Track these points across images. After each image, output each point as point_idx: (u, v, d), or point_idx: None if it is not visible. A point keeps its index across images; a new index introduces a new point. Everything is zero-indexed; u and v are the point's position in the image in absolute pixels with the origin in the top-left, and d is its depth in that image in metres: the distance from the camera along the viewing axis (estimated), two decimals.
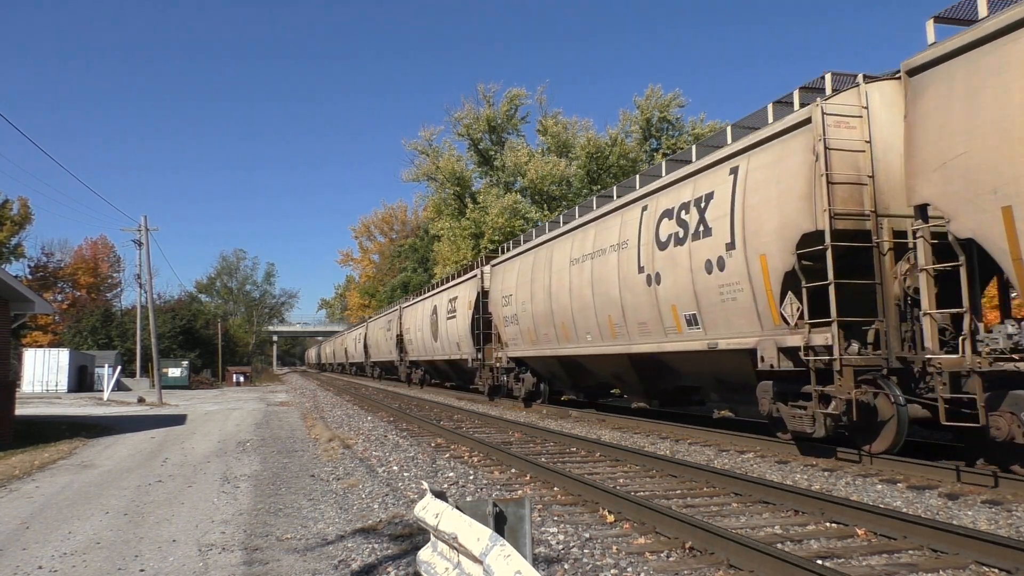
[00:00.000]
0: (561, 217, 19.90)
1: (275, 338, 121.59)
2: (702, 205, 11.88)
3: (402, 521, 7.14)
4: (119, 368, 43.43)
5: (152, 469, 11.30)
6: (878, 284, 9.53)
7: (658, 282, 13.14)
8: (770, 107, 11.24)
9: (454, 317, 27.54)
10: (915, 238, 8.76)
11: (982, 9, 8.11)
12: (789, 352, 10.24)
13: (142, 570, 5.85)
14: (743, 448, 11.66)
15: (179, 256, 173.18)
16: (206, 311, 76.29)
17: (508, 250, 22.78)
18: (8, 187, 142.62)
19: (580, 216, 17.41)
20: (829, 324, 9.39)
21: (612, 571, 5.40)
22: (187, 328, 58.17)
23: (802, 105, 10.31)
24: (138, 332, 47.12)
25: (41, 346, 50.44)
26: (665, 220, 12.99)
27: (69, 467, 11.85)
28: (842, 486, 8.53)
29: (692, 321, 12.35)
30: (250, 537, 6.81)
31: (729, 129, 12.23)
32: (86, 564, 6.07)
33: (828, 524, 6.72)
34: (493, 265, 23.69)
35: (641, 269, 13.64)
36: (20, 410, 19.03)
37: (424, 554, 4.56)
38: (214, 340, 64.10)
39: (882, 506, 7.26)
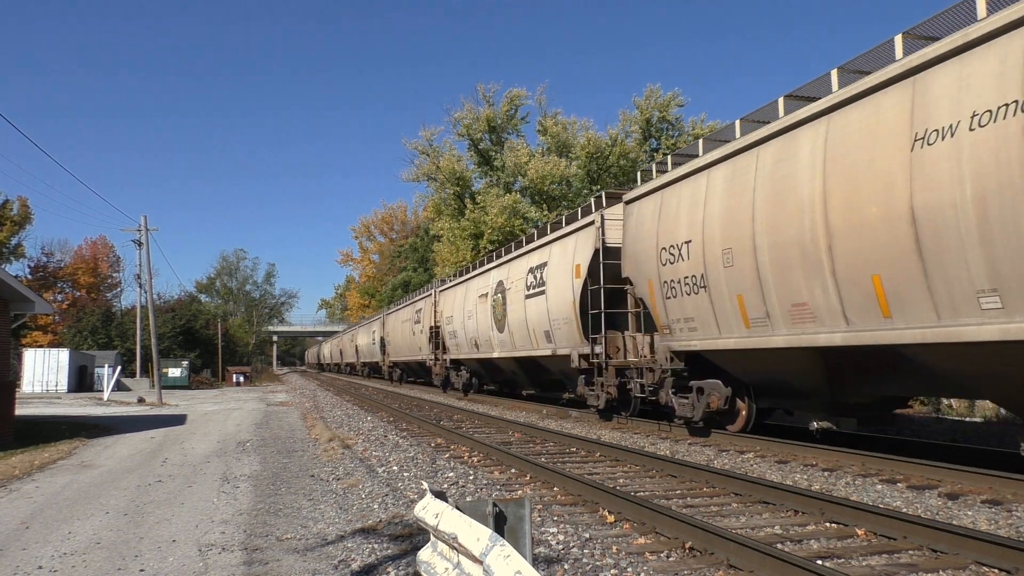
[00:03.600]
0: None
1: (275, 338, 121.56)
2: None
3: (402, 521, 7.14)
4: (119, 368, 43.43)
5: (152, 469, 11.31)
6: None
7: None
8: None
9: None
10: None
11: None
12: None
13: (142, 570, 5.86)
14: (743, 448, 11.66)
15: (179, 256, 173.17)
16: (206, 311, 76.23)
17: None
18: (8, 187, 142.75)
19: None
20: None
21: (612, 571, 5.40)
22: (187, 328, 58.17)
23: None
24: (138, 332, 47.12)
25: (41, 346, 50.46)
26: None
27: (69, 467, 11.85)
28: (842, 486, 8.53)
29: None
30: (250, 537, 6.81)
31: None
32: (86, 564, 6.07)
33: (828, 524, 6.72)
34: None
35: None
36: (20, 410, 19.03)
37: (424, 554, 4.56)
38: (214, 340, 64.10)
39: (882, 506, 7.26)
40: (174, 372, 46.40)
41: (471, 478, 9.59)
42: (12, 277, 16.53)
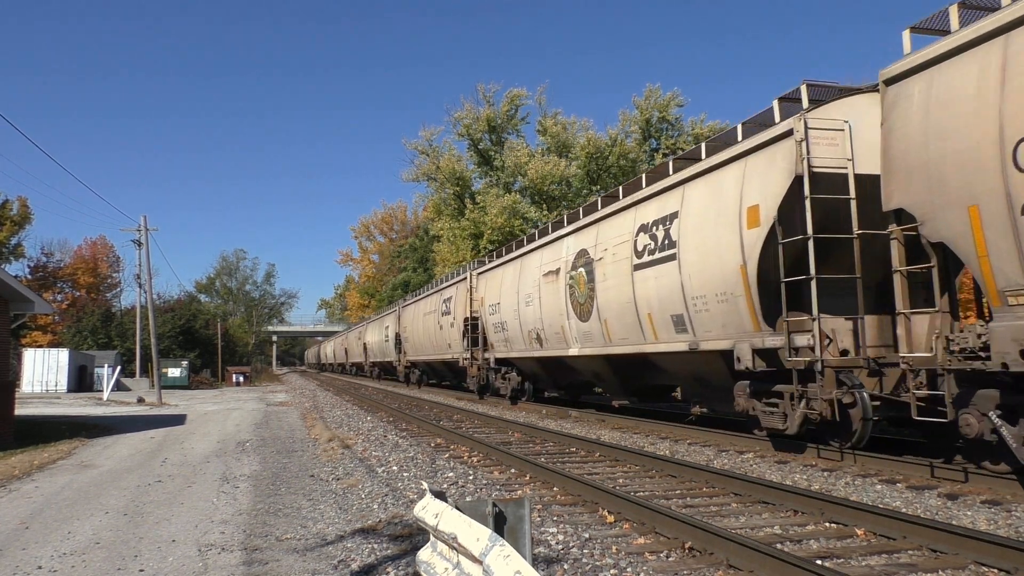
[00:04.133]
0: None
1: (275, 338, 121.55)
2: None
3: (402, 521, 7.14)
4: (119, 368, 43.43)
5: (152, 469, 11.30)
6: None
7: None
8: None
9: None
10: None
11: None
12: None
13: (141, 570, 5.85)
14: (743, 448, 11.66)
15: (179, 256, 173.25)
16: (206, 311, 76.26)
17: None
18: (8, 187, 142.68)
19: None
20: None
21: (612, 571, 5.41)
22: (187, 328, 58.17)
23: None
24: (138, 332, 47.11)
25: (41, 346, 50.41)
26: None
27: (69, 467, 11.85)
28: (842, 486, 8.53)
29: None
30: (249, 537, 6.81)
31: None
32: (86, 564, 6.07)
33: (828, 524, 6.73)
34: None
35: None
36: (20, 410, 19.02)
37: (424, 554, 4.56)
38: (214, 340, 64.09)
39: (881, 506, 7.26)
40: (174, 372, 46.40)
41: (471, 478, 9.59)
42: (12, 277, 16.52)
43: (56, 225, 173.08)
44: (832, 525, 6.68)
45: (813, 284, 9.47)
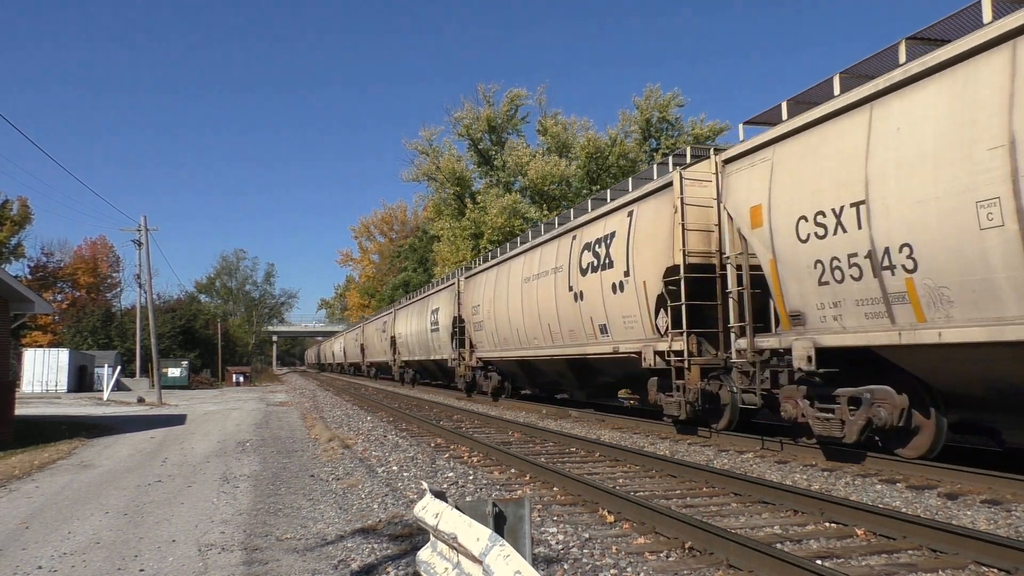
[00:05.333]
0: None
1: (275, 338, 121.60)
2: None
3: (402, 521, 7.15)
4: (119, 368, 43.43)
5: (152, 469, 11.31)
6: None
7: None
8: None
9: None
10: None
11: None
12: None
13: (142, 570, 5.86)
14: (743, 448, 11.67)
15: (179, 256, 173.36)
16: (206, 311, 76.30)
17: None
18: (8, 187, 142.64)
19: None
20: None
21: (612, 571, 5.41)
22: (187, 328, 58.20)
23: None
24: (138, 332, 47.11)
25: (41, 346, 50.43)
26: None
27: (69, 467, 11.85)
28: (841, 486, 8.54)
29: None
30: (250, 537, 6.82)
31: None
32: (86, 564, 6.07)
33: (827, 524, 6.73)
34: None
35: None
36: (20, 410, 19.03)
37: (424, 554, 4.56)
38: (214, 340, 64.11)
39: (881, 506, 7.26)
40: (174, 372, 46.41)
41: (471, 478, 9.59)
42: (12, 277, 16.53)
43: (56, 225, 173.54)
44: (832, 525, 6.69)
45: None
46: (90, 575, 5.79)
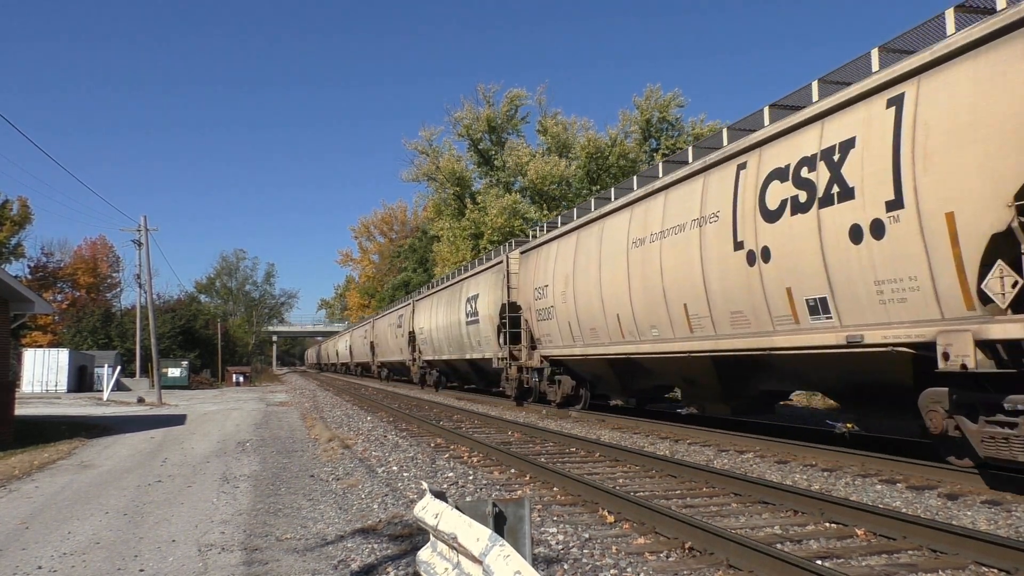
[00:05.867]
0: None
1: (275, 338, 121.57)
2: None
3: (402, 521, 7.14)
4: (119, 368, 43.42)
5: (152, 469, 11.30)
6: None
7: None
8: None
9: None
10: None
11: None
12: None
13: (141, 570, 5.85)
14: (743, 448, 11.66)
15: (179, 256, 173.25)
16: (206, 311, 76.30)
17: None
18: (8, 187, 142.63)
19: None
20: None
21: (612, 571, 5.40)
22: (187, 328, 58.19)
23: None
24: (138, 332, 47.11)
25: (41, 346, 50.43)
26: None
27: (69, 467, 11.85)
28: (841, 486, 8.53)
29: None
30: (250, 537, 6.81)
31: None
32: (85, 564, 6.07)
33: (828, 524, 6.72)
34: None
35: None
36: (20, 410, 19.02)
37: (424, 554, 4.56)
38: (214, 340, 64.10)
39: (881, 506, 7.26)
40: (174, 372, 46.39)
41: (471, 478, 9.58)
42: (12, 277, 16.52)
43: (56, 225, 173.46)
44: (832, 525, 6.68)
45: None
46: (90, 575, 5.79)
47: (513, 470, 10.12)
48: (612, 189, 17.19)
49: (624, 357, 15.15)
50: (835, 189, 9.06)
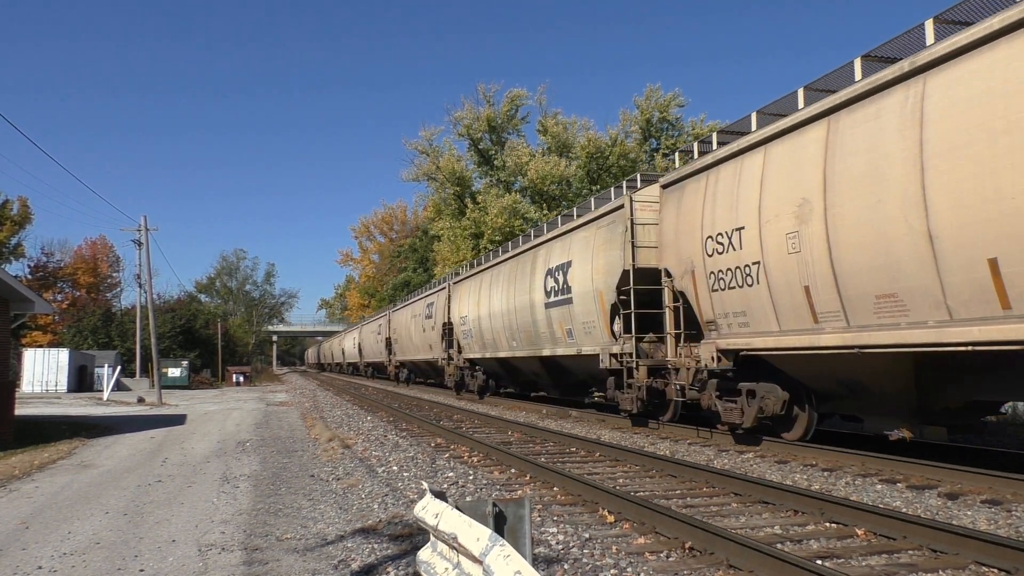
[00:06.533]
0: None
1: (275, 338, 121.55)
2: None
3: (402, 521, 7.14)
4: (119, 368, 43.41)
5: (152, 469, 11.30)
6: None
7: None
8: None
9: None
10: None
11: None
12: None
13: (141, 570, 5.85)
14: (743, 448, 11.66)
15: (179, 256, 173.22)
16: (206, 311, 76.28)
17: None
18: (8, 187, 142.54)
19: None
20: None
21: (612, 571, 5.40)
22: (187, 328, 58.18)
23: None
24: (138, 332, 47.11)
25: (41, 346, 50.42)
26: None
27: (69, 467, 11.85)
28: (842, 486, 8.53)
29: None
30: (250, 537, 6.81)
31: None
32: (85, 564, 6.07)
33: (828, 524, 6.72)
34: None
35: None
36: (20, 410, 19.03)
37: (424, 554, 4.56)
38: (214, 340, 64.09)
39: (882, 506, 7.26)
40: (174, 372, 46.37)
41: (471, 478, 9.58)
42: (12, 277, 16.52)
43: (56, 225, 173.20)
44: (832, 525, 6.68)
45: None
46: (90, 575, 5.79)
47: (513, 470, 10.12)
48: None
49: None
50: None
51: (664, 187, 13.49)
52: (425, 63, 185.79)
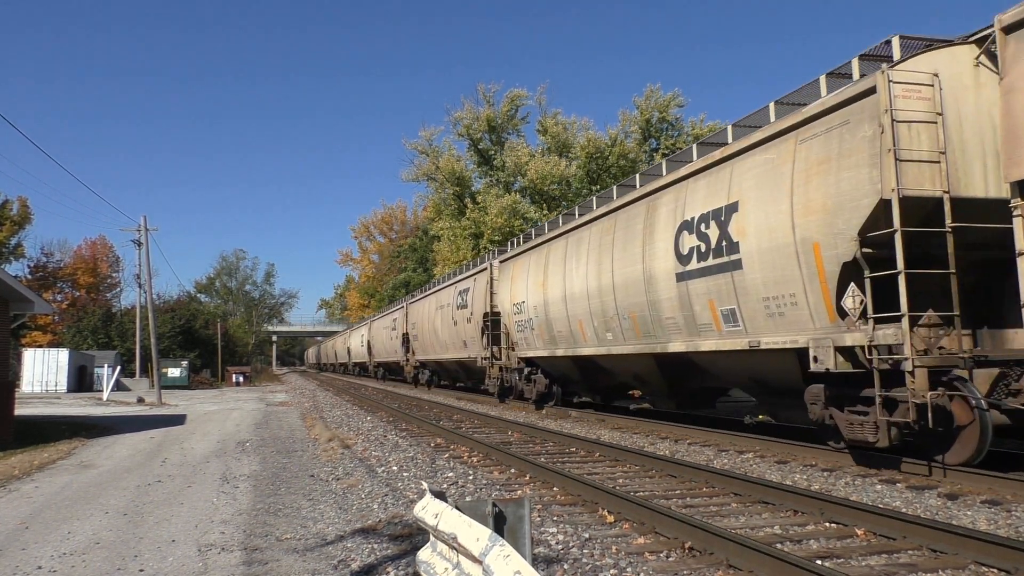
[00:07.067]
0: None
1: (274, 338, 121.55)
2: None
3: (401, 521, 7.14)
4: (119, 368, 43.41)
5: (151, 469, 11.30)
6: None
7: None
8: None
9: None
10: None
11: None
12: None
13: (141, 570, 5.85)
14: (743, 448, 11.66)
15: (179, 256, 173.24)
16: (206, 311, 76.30)
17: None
18: (8, 187, 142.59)
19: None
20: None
21: (612, 571, 5.40)
22: (187, 328, 58.19)
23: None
24: (138, 332, 47.10)
25: (41, 346, 50.42)
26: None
27: (68, 467, 11.85)
28: (841, 486, 8.53)
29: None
30: (249, 537, 6.81)
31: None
32: (85, 564, 6.07)
33: (827, 524, 6.72)
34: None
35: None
36: (20, 410, 19.02)
37: (423, 554, 4.56)
38: (214, 340, 64.08)
39: (881, 506, 7.26)
40: (174, 372, 46.37)
41: (471, 478, 9.58)
42: (12, 277, 16.52)
43: (56, 225, 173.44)
44: (832, 525, 6.68)
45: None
46: (90, 575, 5.79)
47: (513, 470, 10.12)
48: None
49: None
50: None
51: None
52: (425, 63, 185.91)
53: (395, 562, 5.77)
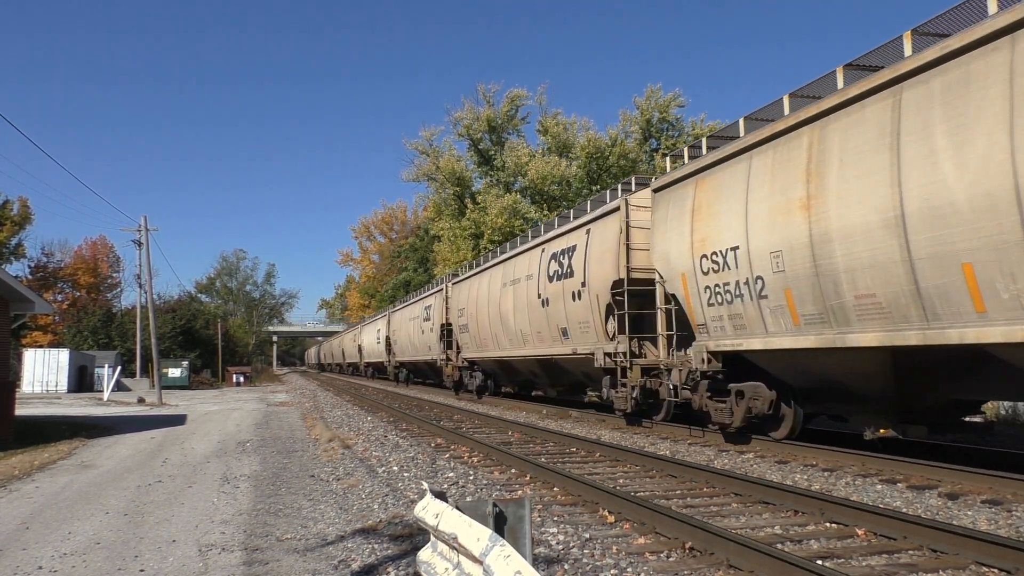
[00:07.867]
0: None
1: (275, 338, 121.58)
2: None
3: (402, 521, 7.14)
4: (119, 368, 43.41)
5: (152, 469, 11.30)
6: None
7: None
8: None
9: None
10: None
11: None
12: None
13: (142, 570, 5.85)
14: (743, 448, 11.66)
15: (179, 256, 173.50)
16: (206, 311, 76.30)
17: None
18: (8, 187, 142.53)
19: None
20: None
21: (612, 571, 5.40)
22: (187, 328, 58.19)
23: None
24: (138, 332, 47.10)
25: (41, 346, 50.42)
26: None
27: (69, 467, 11.85)
28: (842, 486, 8.53)
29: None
30: (250, 537, 6.81)
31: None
32: (86, 564, 6.07)
33: (828, 524, 6.72)
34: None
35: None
36: (20, 410, 19.02)
37: (424, 554, 4.56)
38: (214, 340, 64.08)
39: (882, 506, 7.26)
40: (174, 372, 46.37)
41: (471, 478, 9.58)
42: (12, 277, 16.53)
43: (56, 225, 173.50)
44: (832, 525, 6.68)
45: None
46: (91, 575, 5.79)
47: (513, 470, 10.12)
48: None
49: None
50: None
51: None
52: (426, 63, 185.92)
53: (395, 562, 5.77)
